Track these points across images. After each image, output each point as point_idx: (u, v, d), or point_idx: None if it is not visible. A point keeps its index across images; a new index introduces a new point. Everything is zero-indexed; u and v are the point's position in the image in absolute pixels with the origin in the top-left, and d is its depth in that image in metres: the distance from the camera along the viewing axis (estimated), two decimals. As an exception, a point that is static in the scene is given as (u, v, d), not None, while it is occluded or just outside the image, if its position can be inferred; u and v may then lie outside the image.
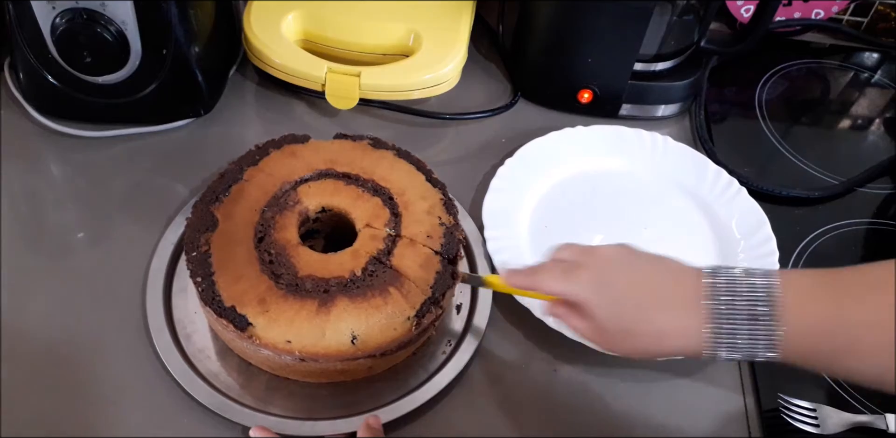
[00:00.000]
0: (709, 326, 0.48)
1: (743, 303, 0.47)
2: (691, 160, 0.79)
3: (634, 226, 0.74)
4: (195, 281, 0.57)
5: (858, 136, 0.91)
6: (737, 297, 0.48)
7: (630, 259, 0.53)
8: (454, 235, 0.62)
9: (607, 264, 0.52)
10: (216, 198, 0.62)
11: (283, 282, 0.57)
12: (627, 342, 0.51)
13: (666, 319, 0.49)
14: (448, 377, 0.61)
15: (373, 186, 0.65)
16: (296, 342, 0.55)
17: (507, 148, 0.79)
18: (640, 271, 0.52)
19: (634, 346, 0.51)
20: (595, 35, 0.78)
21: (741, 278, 0.48)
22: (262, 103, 0.83)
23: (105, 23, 0.67)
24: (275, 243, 0.60)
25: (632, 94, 0.82)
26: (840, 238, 0.76)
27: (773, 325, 0.47)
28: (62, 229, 0.70)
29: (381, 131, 0.81)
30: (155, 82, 0.73)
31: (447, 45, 0.80)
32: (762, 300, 0.47)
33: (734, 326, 0.47)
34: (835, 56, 0.99)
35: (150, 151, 0.76)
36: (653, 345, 0.51)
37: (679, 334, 0.49)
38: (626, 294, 0.51)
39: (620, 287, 0.51)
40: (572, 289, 0.52)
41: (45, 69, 0.71)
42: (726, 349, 0.48)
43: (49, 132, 0.76)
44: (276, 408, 0.59)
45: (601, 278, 0.51)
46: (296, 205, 0.63)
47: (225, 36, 0.83)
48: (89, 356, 0.61)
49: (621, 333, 0.51)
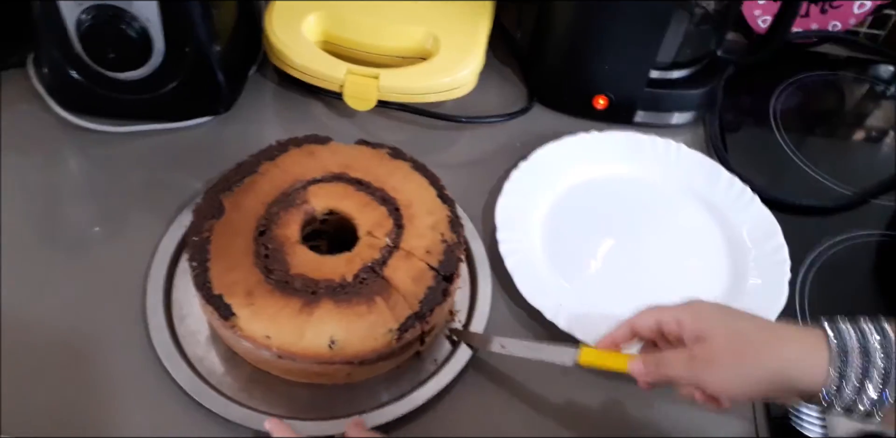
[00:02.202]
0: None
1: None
2: (705, 168, 0.80)
3: (646, 232, 0.74)
4: (191, 265, 0.58)
5: (872, 147, 0.91)
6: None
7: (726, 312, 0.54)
8: (454, 253, 0.61)
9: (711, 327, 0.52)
10: (228, 187, 0.63)
11: (274, 277, 0.58)
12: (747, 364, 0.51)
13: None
14: (433, 389, 0.60)
15: (382, 195, 0.65)
16: (275, 338, 0.55)
17: (521, 152, 0.79)
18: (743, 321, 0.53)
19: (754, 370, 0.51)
20: (612, 42, 0.78)
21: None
22: (280, 103, 0.84)
23: (130, 20, 0.68)
24: (274, 238, 0.60)
25: (647, 101, 0.83)
26: (852, 249, 0.76)
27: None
28: (79, 223, 0.70)
29: (398, 133, 0.82)
30: (176, 80, 0.74)
31: (465, 48, 0.81)
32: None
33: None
34: (851, 68, 1.00)
35: (169, 147, 0.77)
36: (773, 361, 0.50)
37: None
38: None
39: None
40: (701, 377, 0.52)
41: (68, 64, 0.72)
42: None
43: (70, 127, 0.77)
44: (254, 401, 0.59)
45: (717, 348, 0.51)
46: (303, 204, 0.63)
47: (246, 36, 0.84)
48: (89, 344, 0.62)
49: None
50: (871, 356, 0.47)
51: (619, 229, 0.75)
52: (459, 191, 0.75)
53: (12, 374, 0.59)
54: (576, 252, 0.72)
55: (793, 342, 0.50)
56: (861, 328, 0.49)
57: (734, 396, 0.52)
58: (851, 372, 0.47)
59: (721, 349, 0.51)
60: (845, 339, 0.49)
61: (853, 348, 0.48)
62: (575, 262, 0.71)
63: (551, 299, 0.66)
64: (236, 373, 0.61)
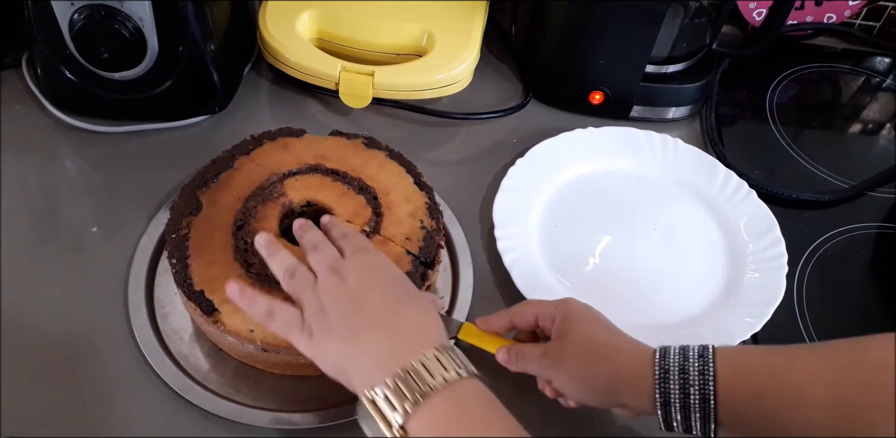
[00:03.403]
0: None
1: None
2: (701, 162, 0.80)
3: (643, 227, 0.74)
4: (171, 263, 0.59)
5: (869, 140, 0.91)
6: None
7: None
8: (434, 239, 0.62)
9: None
10: (204, 183, 0.63)
11: (254, 271, 0.58)
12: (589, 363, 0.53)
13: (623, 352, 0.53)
14: None
15: (359, 184, 0.65)
16: (258, 331, 0.56)
17: (518, 148, 0.79)
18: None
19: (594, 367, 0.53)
20: (607, 37, 0.78)
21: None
22: (276, 101, 0.84)
23: (122, 19, 0.67)
24: (253, 232, 0.60)
25: (643, 96, 0.83)
26: (849, 242, 0.77)
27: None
28: (74, 224, 0.70)
29: (393, 131, 0.82)
30: (171, 79, 0.74)
31: (460, 45, 0.80)
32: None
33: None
34: (846, 60, 1.00)
35: (165, 147, 0.77)
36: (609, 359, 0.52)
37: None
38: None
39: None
40: (548, 374, 0.54)
41: (62, 64, 0.72)
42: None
43: (65, 127, 0.77)
44: (241, 395, 0.59)
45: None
46: (280, 197, 0.63)
47: (240, 34, 0.84)
48: (76, 344, 0.62)
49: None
50: (688, 376, 0.49)
51: (616, 224, 0.75)
52: (456, 188, 0.75)
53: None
54: (574, 248, 0.72)
55: (628, 357, 0.52)
56: (685, 349, 0.50)
57: (574, 397, 0.54)
58: (673, 393, 0.49)
59: (570, 351, 0.53)
60: (668, 358, 0.50)
61: (673, 366, 0.49)
62: (573, 258, 0.71)
63: (549, 294, 0.66)
64: (222, 369, 0.61)
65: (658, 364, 0.50)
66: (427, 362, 0.46)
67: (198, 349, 0.62)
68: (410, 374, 0.45)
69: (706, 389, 0.48)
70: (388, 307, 0.50)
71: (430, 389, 0.45)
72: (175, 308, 0.64)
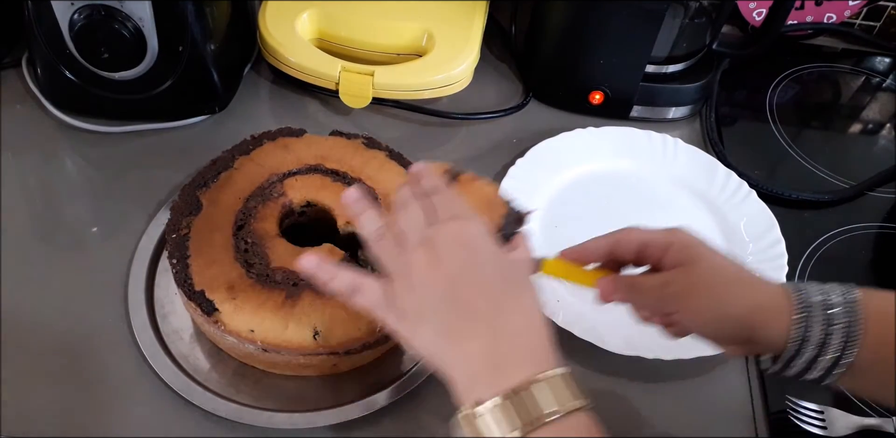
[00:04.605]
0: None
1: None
2: (701, 162, 0.80)
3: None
4: (171, 263, 0.58)
5: (869, 140, 0.91)
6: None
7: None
8: None
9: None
10: (204, 183, 0.63)
11: (255, 271, 0.58)
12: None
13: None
14: (420, 377, 0.61)
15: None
16: (258, 331, 0.56)
17: (518, 148, 0.79)
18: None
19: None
20: (607, 37, 0.78)
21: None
22: (276, 101, 0.84)
23: (122, 19, 0.67)
24: (253, 232, 0.60)
25: (643, 96, 0.83)
26: (850, 242, 0.77)
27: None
28: (74, 224, 0.70)
29: (393, 130, 0.82)
30: (171, 79, 0.74)
31: (460, 45, 0.80)
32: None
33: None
34: (846, 60, 1.00)
35: (165, 147, 0.77)
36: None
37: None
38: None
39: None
40: (671, 305, 0.50)
41: (62, 65, 0.72)
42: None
43: (65, 127, 0.77)
44: (241, 396, 0.59)
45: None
46: (280, 197, 0.63)
47: (240, 34, 0.84)
48: (76, 344, 0.62)
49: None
50: (832, 314, 0.46)
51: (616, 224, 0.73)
52: (456, 188, 0.74)
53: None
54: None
55: (762, 289, 0.49)
56: (823, 287, 0.48)
57: (699, 329, 0.50)
58: (812, 329, 0.46)
59: (700, 280, 0.49)
60: (809, 294, 0.47)
61: (816, 303, 0.46)
62: (573, 258, 0.71)
63: (550, 294, 0.66)
64: (222, 369, 0.61)
65: (796, 298, 0.47)
66: (537, 389, 0.41)
67: (198, 349, 0.62)
68: (523, 398, 0.41)
69: (853, 328, 0.45)
70: (487, 301, 0.45)
71: (541, 418, 0.41)
72: (175, 308, 0.64)
